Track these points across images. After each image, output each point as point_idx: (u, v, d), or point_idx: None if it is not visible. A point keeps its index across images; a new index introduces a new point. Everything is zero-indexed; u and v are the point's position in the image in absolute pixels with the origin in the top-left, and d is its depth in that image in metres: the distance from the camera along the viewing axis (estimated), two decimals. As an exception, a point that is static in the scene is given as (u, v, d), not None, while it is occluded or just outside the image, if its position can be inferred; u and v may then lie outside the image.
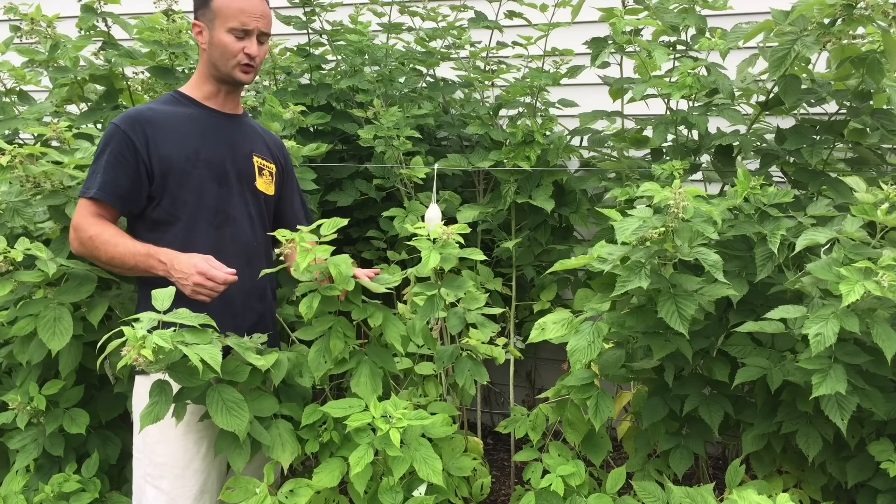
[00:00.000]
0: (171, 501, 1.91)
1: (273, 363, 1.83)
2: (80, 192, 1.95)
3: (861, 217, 1.90)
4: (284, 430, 1.88)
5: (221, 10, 1.95)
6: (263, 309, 2.11)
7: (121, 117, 1.96)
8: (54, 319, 2.03)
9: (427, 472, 1.79)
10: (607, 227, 2.27)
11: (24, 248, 2.00)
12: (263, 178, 2.10)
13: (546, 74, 2.78)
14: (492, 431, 3.41)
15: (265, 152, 2.14)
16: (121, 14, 2.73)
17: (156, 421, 1.69)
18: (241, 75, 1.99)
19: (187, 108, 2.01)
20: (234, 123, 2.08)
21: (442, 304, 1.98)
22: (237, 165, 2.04)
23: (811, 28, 2.16)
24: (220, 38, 1.96)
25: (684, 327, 1.81)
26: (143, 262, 1.89)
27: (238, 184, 2.03)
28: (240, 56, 1.97)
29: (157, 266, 1.88)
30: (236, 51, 1.96)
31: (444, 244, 1.92)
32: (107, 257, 1.91)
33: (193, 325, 1.68)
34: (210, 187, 1.98)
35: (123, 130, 1.91)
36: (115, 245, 1.90)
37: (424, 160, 2.81)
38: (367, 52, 3.01)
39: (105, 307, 2.11)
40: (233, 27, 1.95)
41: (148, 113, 1.97)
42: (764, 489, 1.92)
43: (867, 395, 1.84)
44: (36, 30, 2.55)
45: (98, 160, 1.94)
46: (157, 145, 1.92)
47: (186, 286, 1.82)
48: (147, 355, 1.54)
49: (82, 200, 1.94)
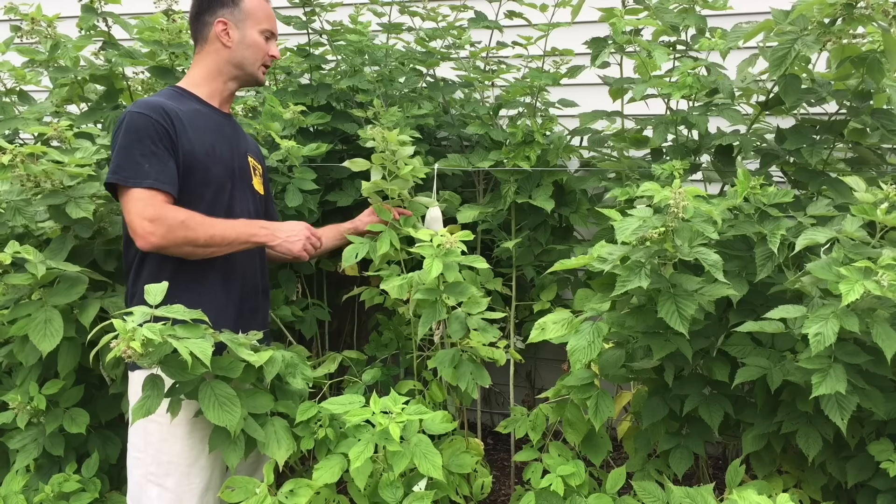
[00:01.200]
0: (177, 499, 1.90)
1: (266, 360, 1.83)
2: (122, 181, 1.84)
3: (861, 217, 1.90)
4: (280, 427, 1.88)
5: (254, 11, 2.03)
6: (260, 305, 2.13)
7: (143, 106, 1.89)
8: (45, 321, 2.04)
9: (427, 466, 1.79)
10: (607, 227, 2.27)
11: (12, 252, 1.99)
12: (257, 177, 2.15)
13: (546, 74, 2.78)
14: (492, 431, 3.41)
15: (254, 153, 2.20)
16: (121, 14, 2.73)
17: (147, 415, 1.69)
18: (262, 76, 2.08)
19: (194, 104, 2.02)
20: (230, 122, 2.11)
21: (444, 308, 2.00)
22: (239, 164, 2.08)
23: (811, 27, 2.16)
24: (253, 38, 2.02)
25: (684, 327, 1.81)
26: (245, 230, 1.95)
27: (241, 182, 2.07)
28: (265, 58, 2.06)
29: (260, 233, 1.98)
30: (265, 51, 2.05)
31: (447, 252, 1.93)
32: (206, 236, 1.87)
33: (187, 321, 1.69)
34: (224, 184, 2.00)
35: (156, 119, 1.87)
36: (210, 223, 1.90)
37: (424, 160, 2.81)
38: (367, 52, 3.01)
39: (97, 308, 2.12)
40: (263, 29, 2.04)
41: (168, 104, 1.93)
42: (764, 489, 1.92)
43: (867, 394, 1.84)
44: (36, 30, 2.54)
45: (132, 149, 1.85)
46: (182, 139, 1.91)
47: (297, 242, 2.02)
48: (136, 347, 1.54)
49: (138, 191, 1.83)
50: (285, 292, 2.76)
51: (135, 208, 1.84)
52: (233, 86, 2.08)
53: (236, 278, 2.04)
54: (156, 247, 1.85)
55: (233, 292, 2.02)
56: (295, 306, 2.76)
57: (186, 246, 1.87)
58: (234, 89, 2.09)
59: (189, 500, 1.91)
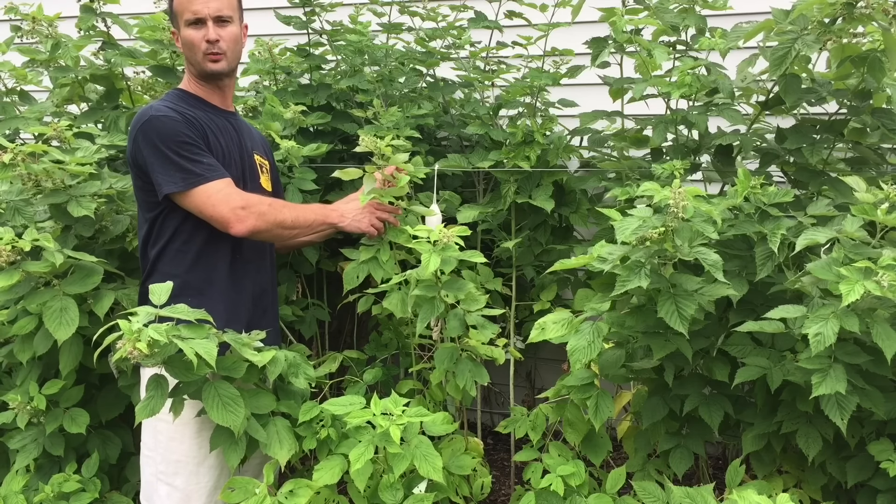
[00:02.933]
0: (186, 498, 1.91)
1: (269, 360, 1.84)
2: (193, 183, 1.87)
3: (861, 217, 1.89)
4: (282, 428, 1.88)
5: (177, 8, 2.00)
6: (269, 304, 2.14)
7: (161, 111, 1.91)
8: (61, 310, 2.04)
9: (427, 468, 1.79)
10: (607, 227, 2.26)
11: (31, 239, 2.00)
12: (264, 174, 2.14)
13: (546, 74, 2.78)
14: (492, 431, 3.41)
15: (260, 149, 2.19)
16: (120, 14, 2.74)
17: (151, 415, 1.70)
18: (210, 65, 2.00)
19: (200, 107, 2.04)
20: (235, 120, 2.12)
21: (442, 305, 1.99)
22: (248, 163, 2.09)
23: (811, 27, 2.16)
24: (183, 35, 2.01)
25: (684, 327, 1.81)
26: (320, 212, 2.08)
27: (251, 181, 2.08)
28: (203, 45, 1.98)
29: (331, 214, 2.09)
30: (198, 41, 1.98)
31: (445, 247, 1.92)
32: (292, 217, 1.99)
33: (191, 321, 1.69)
34: (238, 184, 2.01)
35: (185, 122, 1.92)
36: (291, 207, 2.03)
37: (424, 160, 2.81)
38: (366, 52, 3.01)
39: (111, 299, 2.12)
40: (187, 19, 1.98)
41: (180, 108, 1.96)
42: (764, 489, 1.92)
43: (867, 394, 1.84)
44: (37, 29, 2.55)
45: (181, 151, 1.88)
46: (208, 141, 1.97)
47: (364, 220, 2.10)
48: (142, 348, 1.55)
49: (216, 184, 1.89)
50: (286, 292, 2.76)
51: (219, 200, 1.90)
52: (208, 83, 2.06)
53: (248, 277, 2.04)
54: (252, 230, 1.93)
55: (244, 292, 2.03)
56: (295, 306, 2.76)
57: (276, 228, 1.97)
58: (220, 84, 2.07)
59: (198, 499, 1.92)
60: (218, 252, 1.99)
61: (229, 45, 2.01)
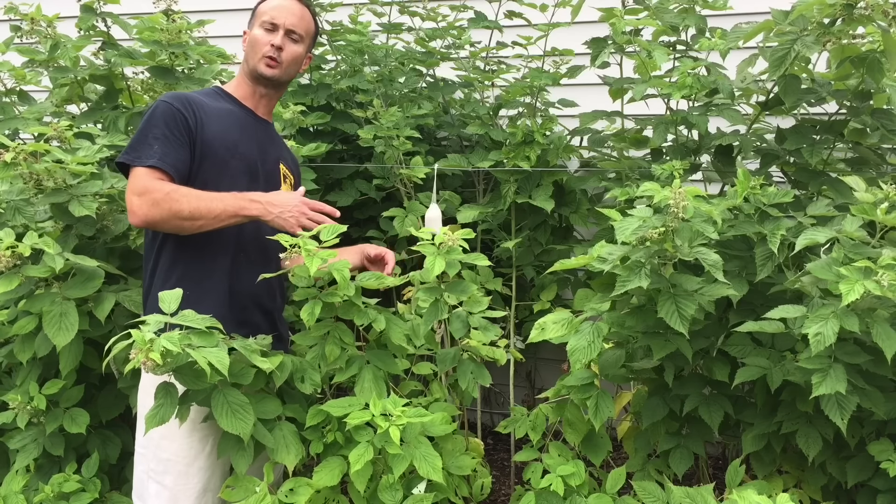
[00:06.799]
0: (174, 498, 1.91)
1: (277, 365, 1.83)
2: (130, 161, 1.86)
3: (861, 217, 1.90)
4: (288, 433, 1.86)
5: (260, 9, 2.06)
6: (274, 308, 2.13)
7: (170, 96, 1.95)
8: (60, 315, 2.03)
9: (427, 469, 1.79)
10: (607, 227, 2.27)
11: (31, 243, 1.99)
12: (286, 185, 2.15)
13: (546, 74, 2.78)
14: (492, 431, 3.41)
15: (288, 163, 2.20)
16: (120, 14, 2.73)
17: (161, 423, 1.69)
18: (264, 68, 2.02)
19: (228, 104, 2.06)
20: (266, 128, 2.13)
21: (446, 307, 1.99)
22: (266, 167, 2.09)
23: (811, 28, 2.16)
24: (252, 34, 2.04)
25: (684, 327, 1.81)
26: (233, 204, 1.86)
27: (265, 185, 2.06)
28: (266, 48, 2.01)
29: (251, 206, 1.87)
30: (264, 42, 2.02)
31: (449, 250, 1.93)
32: (190, 208, 1.82)
33: (202, 328, 1.68)
34: (242, 181, 2.00)
35: (178, 108, 1.91)
36: (196, 196, 1.85)
37: (424, 160, 2.81)
38: (366, 52, 3.01)
39: (112, 302, 2.11)
40: (264, 21, 2.03)
41: (196, 97, 2.00)
42: (764, 489, 1.92)
43: (867, 394, 1.84)
44: (36, 30, 2.55)
45: (147, 132, 1.89)
46: (204, 129, 1.94)
47: (290, 219, 1.86)
48: (156, 359, 1.54)
49: (139, 169, 1.85)
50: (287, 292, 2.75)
51: (130, 185, 1.86)
52: (257, 87, 2.07)
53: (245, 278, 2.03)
54: (144, 220, 1.83)
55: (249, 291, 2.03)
56: (296, 306, 2.76)
57: (173, 219, 1.83)
58: (261, 92, 2.08)
59: (185, 500, 1.91)
60: (220, 246, 1.99)
61: (288, 60, 2.04)
